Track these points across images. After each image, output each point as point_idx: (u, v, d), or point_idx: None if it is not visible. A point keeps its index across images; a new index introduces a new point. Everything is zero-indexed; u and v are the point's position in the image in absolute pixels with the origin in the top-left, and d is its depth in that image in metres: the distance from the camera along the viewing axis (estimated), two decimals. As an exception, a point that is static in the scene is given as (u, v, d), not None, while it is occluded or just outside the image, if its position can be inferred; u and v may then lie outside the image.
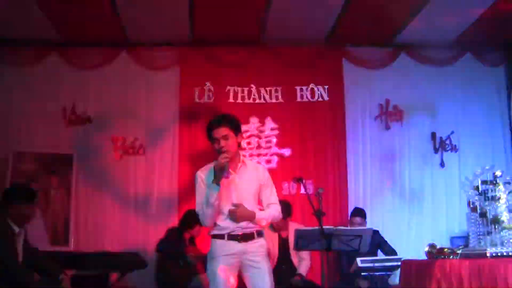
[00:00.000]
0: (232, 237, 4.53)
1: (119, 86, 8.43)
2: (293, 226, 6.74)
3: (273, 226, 7.09)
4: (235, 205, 4.51)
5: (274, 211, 4.72)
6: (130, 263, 6.88)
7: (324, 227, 5.11)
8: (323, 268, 5.36)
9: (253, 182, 4.67)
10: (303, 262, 7.16)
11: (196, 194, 4.65)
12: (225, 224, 4.54)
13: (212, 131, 4.59)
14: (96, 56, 8.38)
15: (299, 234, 5.60)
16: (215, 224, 4.57)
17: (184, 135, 8.35)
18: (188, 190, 8.08)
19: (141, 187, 8.25)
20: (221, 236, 4.55)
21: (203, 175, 4.66)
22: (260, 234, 4.65)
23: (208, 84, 8.43)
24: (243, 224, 4.54)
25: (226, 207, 4.53)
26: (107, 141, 8.27)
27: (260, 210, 4.69)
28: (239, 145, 4.73)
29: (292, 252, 7.03)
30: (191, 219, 7.31)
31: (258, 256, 4.56)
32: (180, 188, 8.20)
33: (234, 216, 4.50)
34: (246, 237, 4.55)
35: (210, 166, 4.70)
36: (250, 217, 4.54)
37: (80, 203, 8.13)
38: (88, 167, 8.21)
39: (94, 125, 8.27)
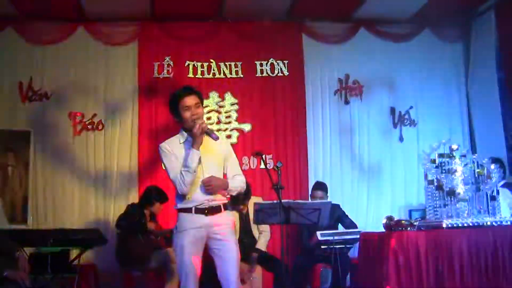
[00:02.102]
0: (199, 210, 4.51)
1: (77, 62, 8.30)
2: (253, 200, 6.75)
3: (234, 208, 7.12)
4: (203, 180, 4.50)
5: (240, 181, 4.73)
6: (90, 239, 6.81)
7: (283, 200, 5.12)
8: (283, 241, 5.38)
9: (217, 155, 4.66)
10: (262, 235, 7.18)
11: (166, 164, 4.59)
12: (192, 197, 4.52)
13: (182, 99, 4.54)
14: (53, 31, 8.23)
15: (258, 208, 5.61)
16: (183, 197, 4.54)
17: (143, 110, 8.28)
18: (148, 165, 8.10)
19: (101, 163, 8.18)
20: (188, 210, 4.52)
21: (168, 146, 4.62)
22: (226, 207, 4.66)
23: (167, 59, 8.37)
24: (210, 197, 4.53)
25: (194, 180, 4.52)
26: (66, 117, 8.17)
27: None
28: None
29: (253, 225, 7.04)
30: (151, 195, 7.32)
31: (225, 229, 4.57)
32: (140, 164, 8.16)
33: (210, 185, 4.49)
34: (213, 210, 4.54)
35: (174, 138, 4.71)
36: (225, 186, 4.55)
37: (38, 180, 8.04)
38: (46, 144, 8.11)
39: (52, 101, 8.14)
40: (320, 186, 7.51)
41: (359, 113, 8.74)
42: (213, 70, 8.44)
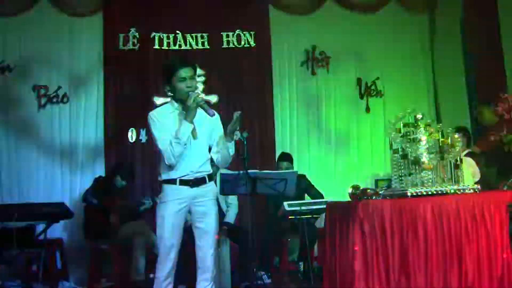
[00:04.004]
0: (184, 182, 4.51)
1: (41, 34, 8.15)
2: (219, 171, 6.75)
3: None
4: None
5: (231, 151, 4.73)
6: (56, 213, 6.79)
7: (249, 171, 5.13)
8: (249, 212, 5.40)
9: (206, 126, 4.65)
10: (230, 208, 7.19)
11: (155, 133, 4.53)
12: (178, 167, 4.50)
13: (178, 71, 4.47)
14: (15, 2, 8.04)
15: (224, 179, 5.60)
16: (167, 169, 4.52)
17: (109, 82, 8.19)
18: (114, 138, 8.07)
19: (66, 137, 8.10)
20: (172, 181, 4.52)
21: (158, 115, 4.58)
22: (211, 178, 4.66)
23: (132, 30, 8.26)
24: (195, 168, 4.53)
25: None
26: (29, 90, 8.04)
27: None
28: None
29: (221, 197, 7.03)
30: (115, 170, 7.35)
31: (208, 201, 4.58)
32: (106, 136, 8.09)
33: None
34: (197, 182, 4.54)
35: (164, 107, 4.71)
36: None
37: (2, 154, 7.94)
38: (9, 118, 7.99)
39: (14, 74, 7.98)
40: (286, 157, 7.52)
41: (326, 84, 8.77)
42: (179, 41, 8.36)
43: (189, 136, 4.48)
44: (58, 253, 7.37)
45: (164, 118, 4.56)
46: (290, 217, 6.92)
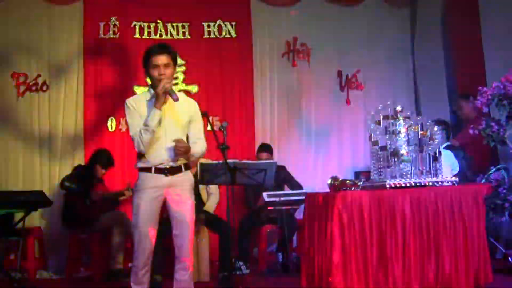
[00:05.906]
0: (159, 170, 4.51)
1: (20, 21, 8.03)
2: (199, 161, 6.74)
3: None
4: (176, 140, 4.44)
5: (201, 146, 4.72)
6: (34, 201, 6.72)
7: (228, 160, 5.13)
8: (228, 202, 5.39)
9: (183, 115, 4.63)
10: (210, 197, 7.18)
11: (128, 121, 4.57)
12: (153, 157, 4.50)
13: (153, 57, 4.48)
14: (-7, -11, 7.97)
15: (203, 168, 5.59)
16: (143, 157, 4.51)
17: (89, 71, 8.10)
18: (94, 127, 7.99)
19: (46, 125, 8.01)
20: (147, 169, 4.52)
21: (134, 102, 4.59)
22: (187, 167, 4.65)
23: (113, 19, 8.18)
24: (171, 156, 4.51)
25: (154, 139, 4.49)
26: (8, 78, 7.96)
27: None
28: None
29: (201, 186, 7.02)
30: (95, 158, 7.31)
31: (184, 190, 4.58)
32: (85, 125, 8.03)
33: (180, 150, 4.44)
34: (173, 171, 4.54)
35: (141, 95, 4.71)
36: (188, 151, 4.53)
37: (-20, 143, 7.87)
38: (-13, 106, 7.91)
39: (-8, 61, 7.92)
40: (265, 148, 7.54)
41: (307, 76, 8.73)
42: (160, 31, 8.30)
43: (164, 124, 4.47)
44: (36, 242, 7.33)
45: (139, 105, 4.56)
46: (269, 207, 6.95)
